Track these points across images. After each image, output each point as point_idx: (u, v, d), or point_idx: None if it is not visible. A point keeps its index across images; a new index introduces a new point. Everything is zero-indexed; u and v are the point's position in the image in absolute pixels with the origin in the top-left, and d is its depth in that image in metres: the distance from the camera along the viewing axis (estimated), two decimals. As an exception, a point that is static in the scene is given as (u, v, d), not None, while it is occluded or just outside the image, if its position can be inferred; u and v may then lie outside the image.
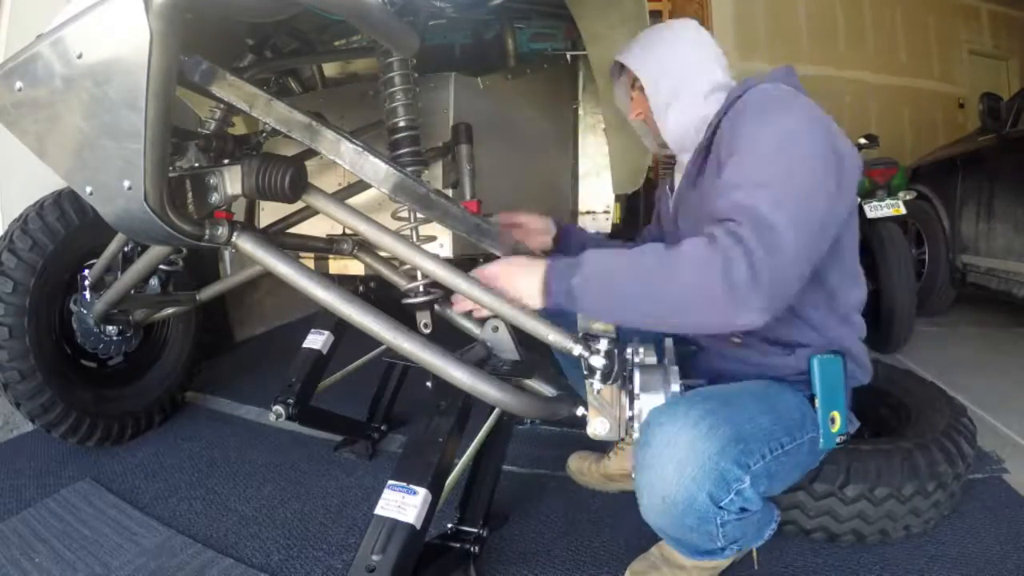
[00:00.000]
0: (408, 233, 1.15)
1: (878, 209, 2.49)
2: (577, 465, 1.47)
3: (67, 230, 1.51)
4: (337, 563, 1.19)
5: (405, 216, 1.18)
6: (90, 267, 1.55)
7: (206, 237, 0.82)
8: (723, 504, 0.84)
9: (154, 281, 1.64)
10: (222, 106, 1.38)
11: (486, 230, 1.08)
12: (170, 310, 1.65)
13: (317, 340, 1.53)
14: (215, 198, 0.87)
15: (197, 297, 1.60)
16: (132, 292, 1.44)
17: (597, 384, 0.91)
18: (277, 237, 1.33)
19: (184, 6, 0.63)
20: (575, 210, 2.11)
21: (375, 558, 0.84)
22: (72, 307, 1.58)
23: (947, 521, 1.28)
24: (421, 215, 1.12)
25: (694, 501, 0.82)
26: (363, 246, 1.38)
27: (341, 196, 1.26)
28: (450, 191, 1.43)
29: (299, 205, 1.13)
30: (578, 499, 1.41)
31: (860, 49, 5.26)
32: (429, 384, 1.03)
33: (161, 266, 1.59)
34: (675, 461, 0.83)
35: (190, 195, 0.88)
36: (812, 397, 1.03)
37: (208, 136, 1.36)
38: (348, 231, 1.45)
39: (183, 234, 0.78)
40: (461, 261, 1.41)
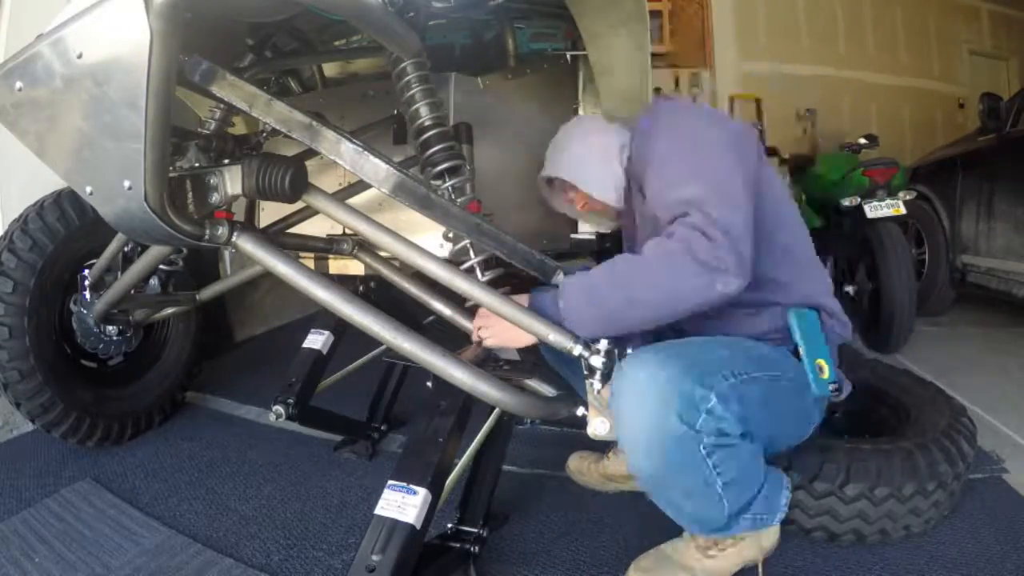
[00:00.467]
0: (472, 267, 1.17)
1: (878, 209, 2.49)
2: (577, 465, 1.47)
3: (67, 230, 1.51)
4: (337, 563, 1.19)
5: (463, 248, 1.19)
6: (90, 267, 1.55)
7: (206, 237, 0.82)
8: (697, 426, 0.85)
9: (154, 281, 1.64)
10: (222, 106, 1.39)
11: (486, 230, 1.08)
12: (170, 310, 1.65)
13: (317, 340, 1.53)
14: (215, 198, 0.87)
15: (197, 297, 1.60)
16: (132, 292, 1.44)
17: (597, 384, 0.91)
18: (277, 237, 1.33)
19: (184, 6, 0.63)
20: (575, 210, 2.11)
21: (375, 558, 0.84)
22: (72, 307, 1.58)
23: (947, 521, 1.28)
24: (479, 248, 1.16)
25: (665, 424, 0.85)
26: (363, 246, 1.39)
27: (341, 196, 1.26)
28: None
29: (299, 205, 1.13)
30: (578, 499, 1.41)
31: (860, 49, 5.26)
32: (429, 384, 1.03)
33: (161, 266, 1.60)
34: (637, 394, 0.86)
35: (190, 195, 0.88)
36: (795, 350, 1.05)
37: (208, 136, 1.36)
38: (348, 231, 1.45)
39: (183, 234, 0.78)
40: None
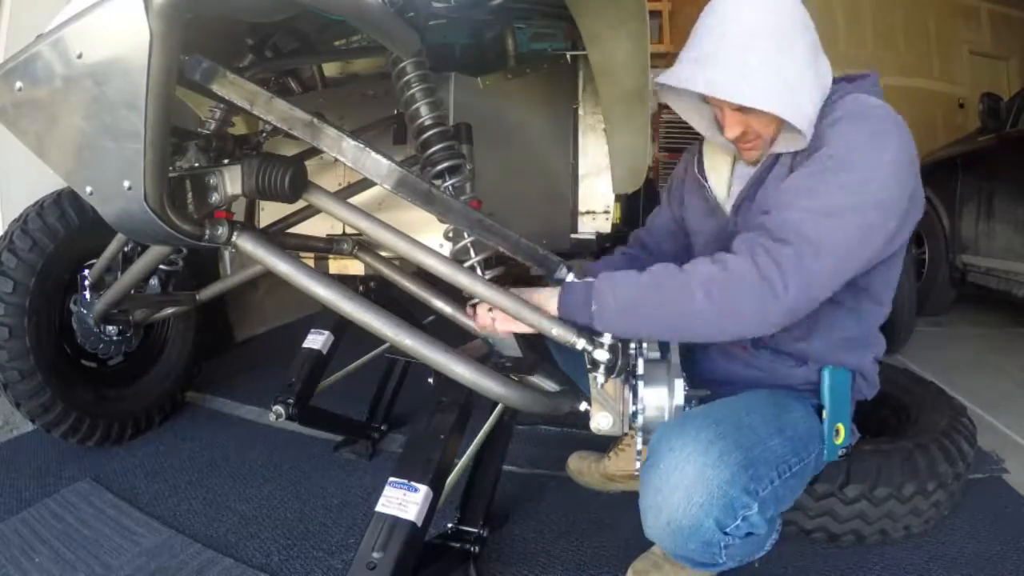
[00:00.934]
0: (472, 266, 1.15)
1: (878, 209, 2.49)
2: (577, 465, 1.47)
3: (67, 230, 1.51)
4: (337, 563, 1.19)
5: (464, 247, 1.17)
6: (90, 267, 1.55)
7: (206, 237, 0.82)
8: (729, 530, 0.83)
9: (154, 281, 1.64)
10: (222, 106, 1.39)
11: (489, 226, 1.08)
12: (170, 310, 1.64)
13: (317, 340, 1.53)
14: (215, 198, 0.87)
15: (197, 297, 1.60)
16: (132, 292, 1.44)
17: (600, 378, 0.91)
18: (277, 237, 1.33)
19: (184, 6, 0.63)
20: (575, 210, 2.11)
21: (376, 555, 0.84)
22: (72, 307, 1.58)
23: (947, 521, 1.28)
24: (481, 245, 1.13)
25: (700, 527, 0.81)
26: (363, 246, 1.38)
27: (341, 196, 1.26)
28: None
29: (299, 205, 1.13)
30: (578, 499, 1.41)
31: (860, 49, 5.26)
32: (431, 380, 1.03)
33: (161, 266, 1.60)
34: (683, 487, 0.81)
35: (190, 195, 0.87)
36: (819, 408, 1.02)
37: (208, 136, 1.36)
38: (348, 231, 1.45)
39: (183, 234, 0.78)
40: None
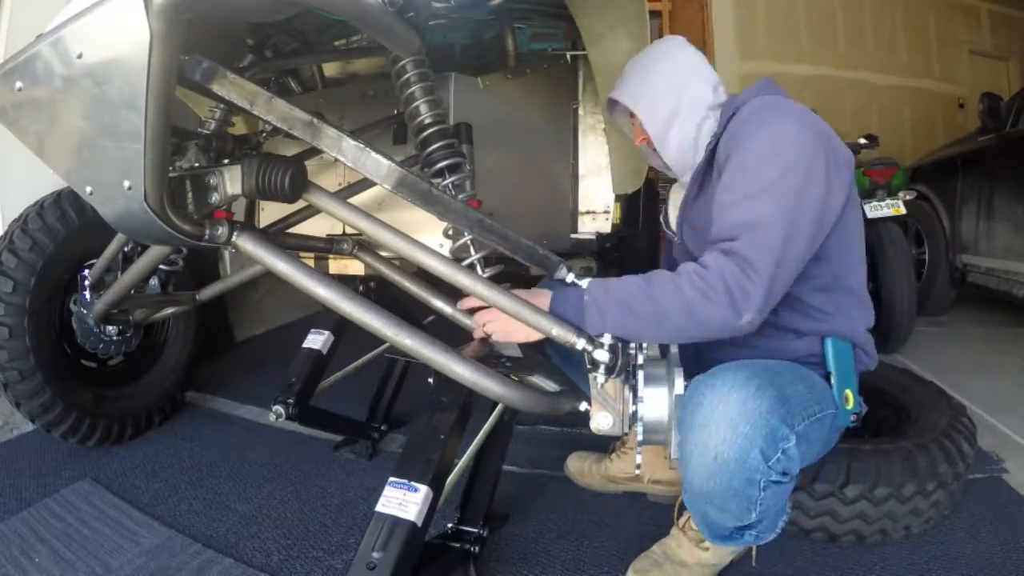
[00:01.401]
0: (472, 264, 1.16)
1: (878, 209, 2.49)
2: (577, 466, 1.47)
3: (67, 230, 1.51)
4: (337, 563, 1.19)
5: (463, 245, 1.19)
6: (90, 267, 1.55)
7: (206, 237, 0.82)
8: (771, 463, 0.85)
9: (154, 281, 1.64)
10: (222, 106, 1.39)
11: (488, 225, 1.08)
12: (170, 310, 1.64)
13: (317, 340, 1.53)
14: (215, 198, 0.87)
15: (197, 297, 1.60)
16: (132, 292, 1.44)
17: (601, 378, 0.91)
18: (277, 237, 1.33)
19: (184, 6, 0.63)
20: (575, 210, 2.11)
21: (376, 555, 0.84)
22: (72, 307, 1.58)
23: (947, 521, 1.28)
24: (480, 244, 1.15)
25: (747, 458, 0.84)
26: (363, 246, 1.38)
27: (341, 196, 1.26)
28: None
29: (299, 205, 1.13)
30: (578, 499, 1.41)
31: (860, 49, 5.25)
32: (431, 380, 1.03)
33: (161, 266, 1.60)
34: (728, 419, 0.84)
35: (190, 195, 0.88)
36: (826, 376, 1.05)
37: (208, 136, 1.36)
38: (348, 231, 1.45)
39: (183, 234, 0.78)
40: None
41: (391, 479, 0.92)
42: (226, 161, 1.25)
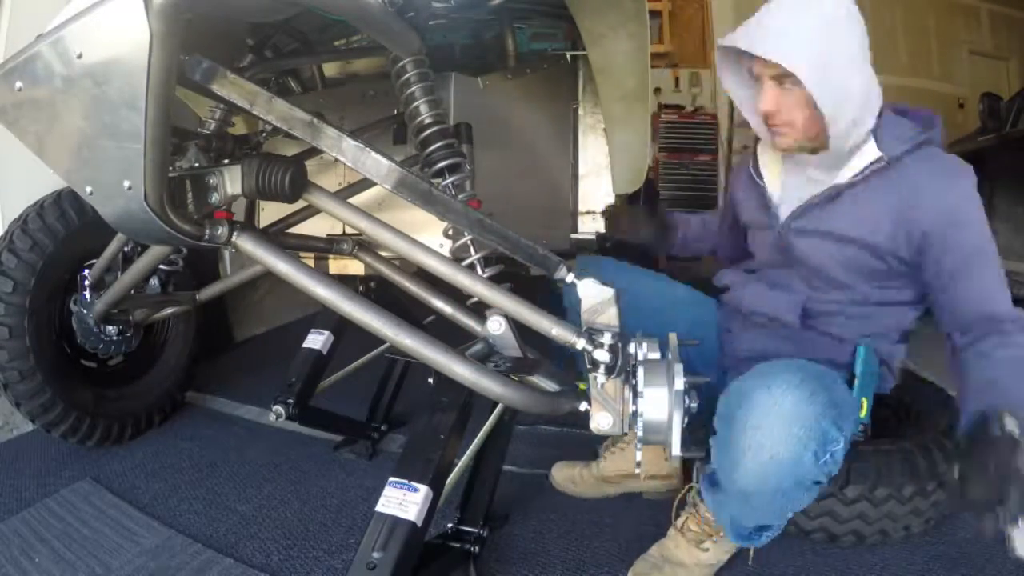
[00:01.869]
0: (472, 264, 1.17)
1: (878, 209, 2.49)
2: (566, 475, 1.45)
3: (67, 230, 1.51)
4: (337, 563, 1.19)
5: (463, 245, 1.19)
6: (90, 267, 1.55)
7: (206, 237, 0.82)
8: (821, 464, 0.86)
9: (154, 281, 1.64)
10: (222, 106, 1.39)
11: (488, 225, 1.08)
12: (170, 310, 1.64)
13: (317, 340, 1.53)
14: (215, 198, 0.87)
15: (197, 297, 1.60)
16: (132, 292, 1.44)
17: (601, 378, 0.91)
18: (277, 237, 1.33)
19: (184, 6, 0.63)
20: (575, 210, 2.11)
21: (376, 555, 0.84)
22: (72, 307, 1.58)
23: (947, 521, 1.28)
24: (480, 244, 1.15)
25: (800, 460, 0.84)
26: (363, 246, 1.38)
27: (341, 196, 1.26)
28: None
29: (299, 205, 1.13)
30: (578, 499, 1.41)
31: (860, 49, 5.26)
32: (431, 380, 1.03)
33: (161, 266, 1.60)
34: (784, 420, 0.85)
35: (190, 195, 0.88)
36: (849, 380, 1.08)
37: (208, 136, 1.36)
38: (348, 231, 1.45)
39: (183, 234, 0.78)
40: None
41: (391, 479, 0.92)
42: (226, 161, 1.25)
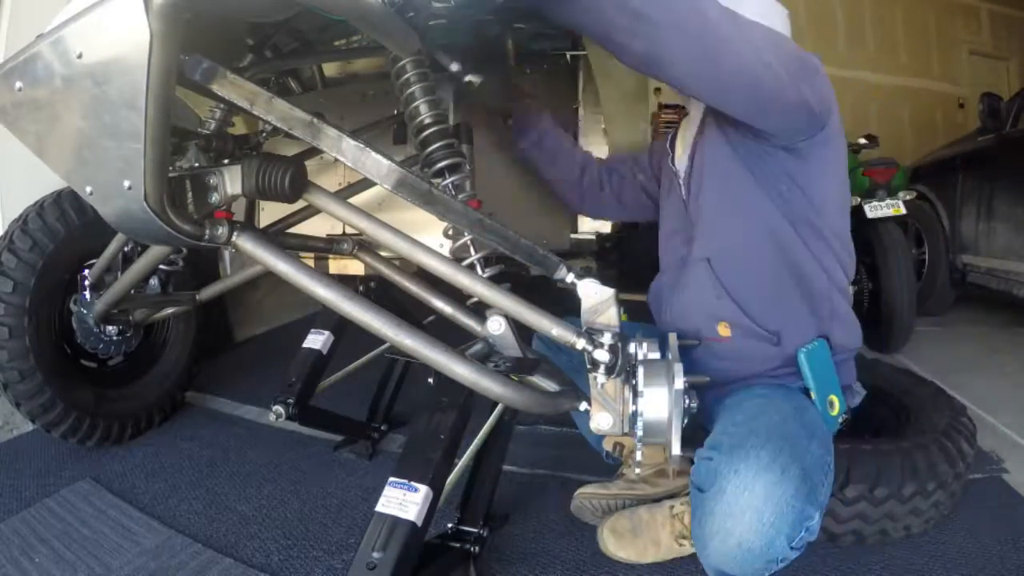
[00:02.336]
0: (472, 264, 1.16)
1: (878, 209, 2.49)
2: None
3: (67, 230, 1.51)
4: (337, 563, 1.19)
5: (463, 245, 1.18)
6: (90, 267, 1.55)
7: (206, 237, 0.82)
8: (794, 544, 0.84)
9: (154, 281, 1.64)
10: (222, 106, 1.39)
11: (488, 225, 1.08)
12: (170, 310, 1.64)
13: (317, 340, 1.53)
14: (215, 198, 0.87)
15: (197, 297, 1.60)
16: (132, 292, 1.44)
17: (601, 378, 0.91)
18: (277, 237, 1.33)
19: (184, 6, 0.63)
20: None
21: (376, 555, 0.84)
22: (72, 307, 1.58)
23: (947, 521, 1.28)
24: (480, 244, 1.14)
25: (772, 546, 0.83)
26: (363, 246, 1.38)
27: (341, 196, 1.26)
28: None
29: (299, 205, 1.13)
30: (578, 499, 1.41)
31: (860, 49, 5.26)
32: (431, 380, 1.03)
33: (161, 266, 1.60)
34: (753, 507, 0.83)
35: (190, 195, 0.88)
36: (806, 390, 1.06)
37: (208, 136, 1.36)
38: (348, 231, 1.45)
39: (183, 234, 0.78)
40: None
41: (391, 479, 0.92)
42: (226, 161, 1.25)
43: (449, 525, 1.17)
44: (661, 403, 0.91)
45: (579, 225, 2.11)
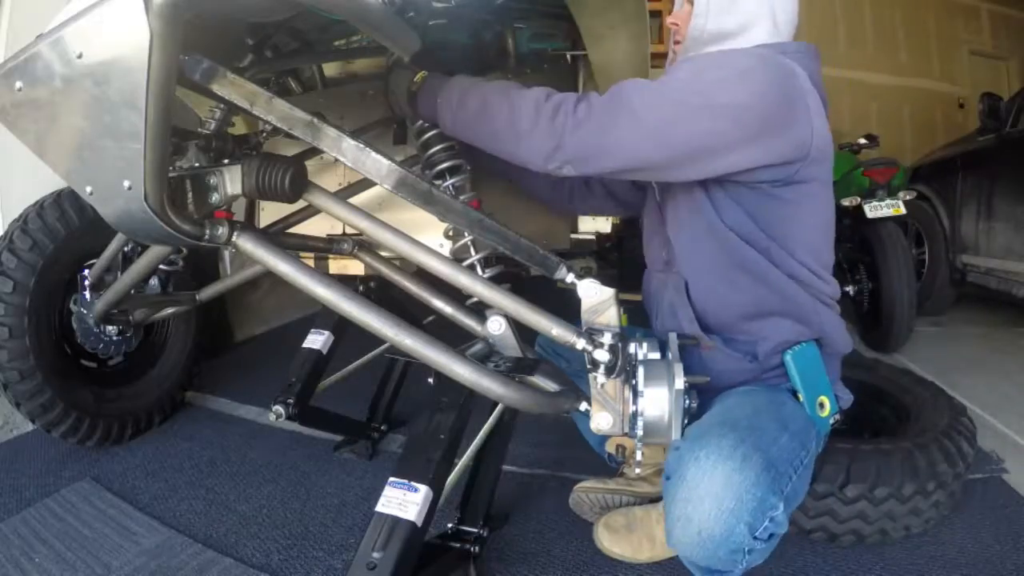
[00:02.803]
0: (473, 265, 1.16)
1: (878, 209, 2.49)
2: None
3: (67, 230, 1.51)
4: (337, 563, 1.19)
5: (464, 246, 1.18)
6: (90, 267, 1.55)
7: (206, 237, 0.82)
8: (758, 533, 0.83)
9: (154, 281, 1.64)
10: (222, 106, 1.38)
11: (489, 226, 1.08)
12: (170, 310, 1.64)
13: (317, 340, 1.53)
14: (215, 198, 0.87)
15: (197, 297, 1.59)
16: (132, 292, 1.44)
17: (601, 378, 0.91)
18: (277, 237, 1.33)
19: (184, 6, 0.63)
20: (575, 210, 2.11)
21: (376, 555, 0.84)
22: (72, 307, 1.58)
23: (947, 521, 1.28)
24: (481, 244, 1.14)
25: (732, 533, 0.82)
26: (363, 246, 1.38)
27: (341, 196, 1.26)
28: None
29: (299, 205, 1.13)
30: (578, 499, 1.41)
31: (860, 49, 5.26)
32: (431, 380, 1.03)
33: (161, 266, 1.59)
34: (713, 494, 0.82)
35: (190, 195, 0.87)
36: (795, 392, 1.05)
37: (208, 136, 1.36)
38: (348, 231, 1.45)
39: (183, 234, 0.78)
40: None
41: (391, 479, 0.92)
42: (226, 161, 1.25)
43: (449, 525, 1.17)
44: (661, 403, 0.91)
45: (579, 225, 2.11)
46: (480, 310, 1.11)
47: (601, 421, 0.93)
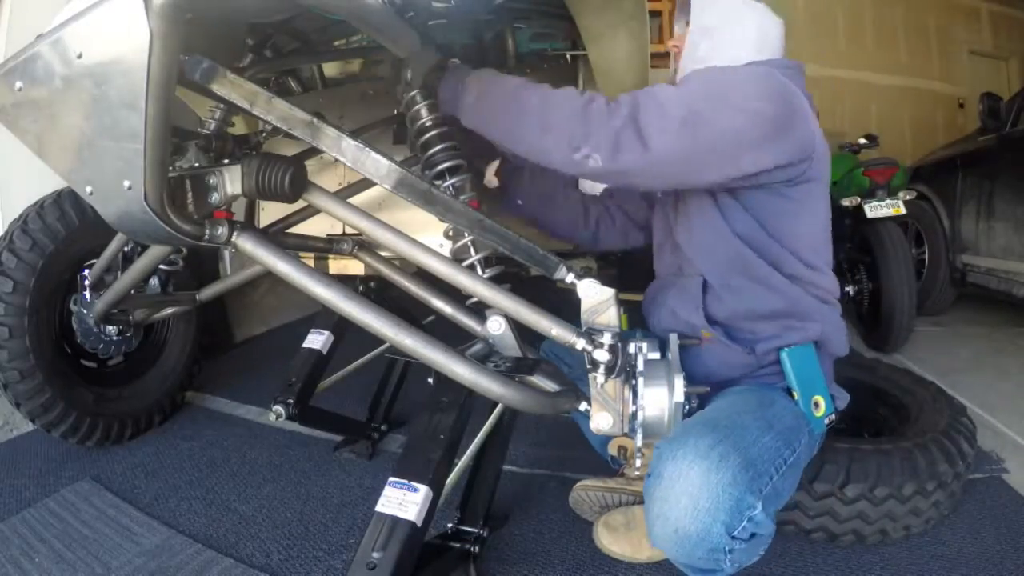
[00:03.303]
0: (473, 265, 1.16)
1: (878, 209, 2.49)
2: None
3: (67, 230, 1.51)
4: (337, 563, 1.19)
5: (464, 246, 1.18)
6: (90, 267, 1.55)
7: (206, 237, 0.82)
8: (736, 533, 0.83)
9: (154, 281, 1.64)
10: (222, 106, 1.39)
11: (489, 226, 1.08)
12: (170, 310, 1.64)
13: (317, 340, 1.53)
14: (215, 198, 0.87)
15: (197, 297, 1.60)
16: (132, 292, 1.44)
17: (601, 378, 0.91)
18: (277, 237, 1.33)
19: (184, 6, 0.63)
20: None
21: (376, 555, 0.84)
22: (72, 307, 1.58)
23: (947, 521, 1.28)
24: (481, 244, 1.14)
25: (708, 533, 0.82)
26: (363, 246, 1.38)
27: (341, 196, 1.26)
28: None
29: (299, 205, 1.13)
30: (578, 499, 1.41)
31: (860, 49, 5.26)
32: (431, 380, 1.03)
33: (161, 266, 1.60)
34: (688, 494, 0.82)
35: (190, 195, 0.87)
36: (790, 390, 1.05)
37: (208, 136, 1.36)
38: (348, 231, 1.45)
39: (183, 234, 0.78)
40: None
41: (391, 479, 0.92)
42: (226, 161, 1.25)
43: (449, 525, 1.17)
44: (661, 403, 0.91)
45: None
46: (480, 310, 1.11)
47: (601, 421, 0.93)
